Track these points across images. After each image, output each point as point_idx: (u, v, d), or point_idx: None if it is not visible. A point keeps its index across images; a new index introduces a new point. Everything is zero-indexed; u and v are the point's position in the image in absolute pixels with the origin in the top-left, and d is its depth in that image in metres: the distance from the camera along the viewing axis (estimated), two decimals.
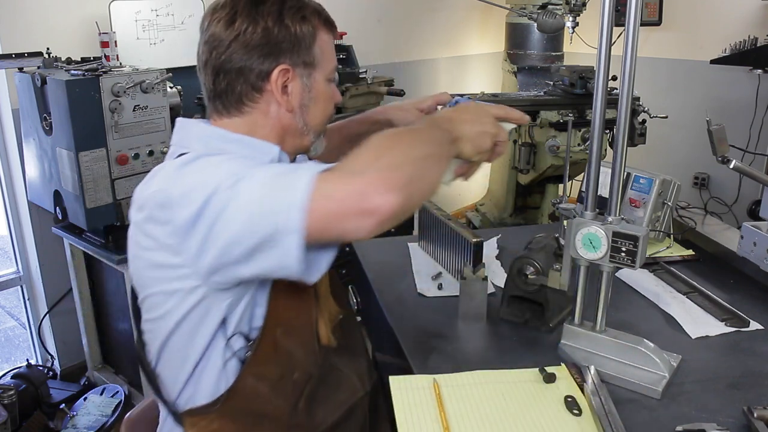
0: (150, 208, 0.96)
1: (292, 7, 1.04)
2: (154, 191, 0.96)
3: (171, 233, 0.93)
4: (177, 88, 2.53)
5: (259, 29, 1.01)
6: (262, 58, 1.02)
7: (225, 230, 0.89)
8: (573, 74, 2.76)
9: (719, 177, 3.85)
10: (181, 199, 0.91)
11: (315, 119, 1.10)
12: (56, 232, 2.44)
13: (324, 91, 1.10)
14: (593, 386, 1.10)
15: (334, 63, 1.12)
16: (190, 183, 0.93)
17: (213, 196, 0.89)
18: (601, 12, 1.07)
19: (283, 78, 1.04)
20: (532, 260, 1.31)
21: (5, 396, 2.24)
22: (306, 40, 1.05)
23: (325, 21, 1.10)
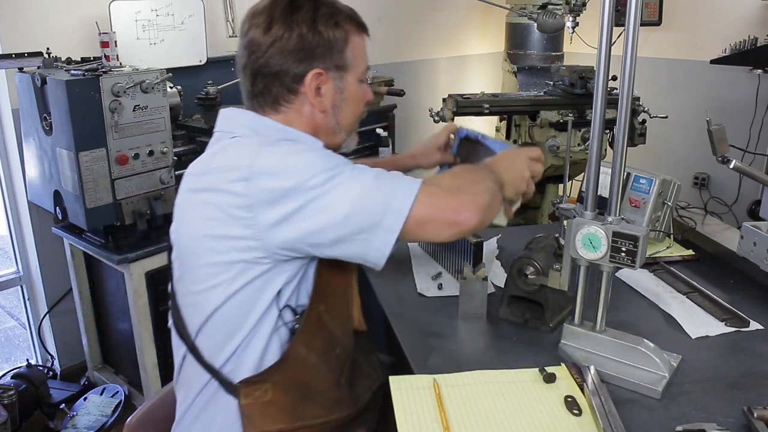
0: (219, 179, 1.02)
1: (325, 13, 1.11)
2: (228, 163, 1.02)
3: (243, 205, 0.99)
4: (177, 88, 2.53)
5: (294, 35, 1.08)
6: (297, 62, 1.09)
7: (318, 214, 0.98)
8: (573, 74, 2.75)
9: (719, 177, 3.85)
10: (269, 173, 0.99)
11: (346, 118, 1.18)
12: (56, 232, 2.44)
13: (355, 91, 1.17)
14: (593, 386, 1.10)
15: (365, 64, 1.18)
16: (280, 161, 1.00)
17: (310, 178, 0.98)
18: (601, 12, 1.07)
19: (317, 81, 1.11)
20: (532, 260, 1.31)
21: (5, 396, 2.24)
22: (338, 45, 1.11)
23: (358, 25, 1.16)
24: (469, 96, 2.66)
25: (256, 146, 1.03)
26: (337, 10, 1.13)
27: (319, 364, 1.10)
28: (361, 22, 1.17)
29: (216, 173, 1.03)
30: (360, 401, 1.17)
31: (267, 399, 1.06)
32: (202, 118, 2.70)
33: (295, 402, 1.08)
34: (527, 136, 3.01)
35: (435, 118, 2.59)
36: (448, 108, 2.59)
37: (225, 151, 1.07)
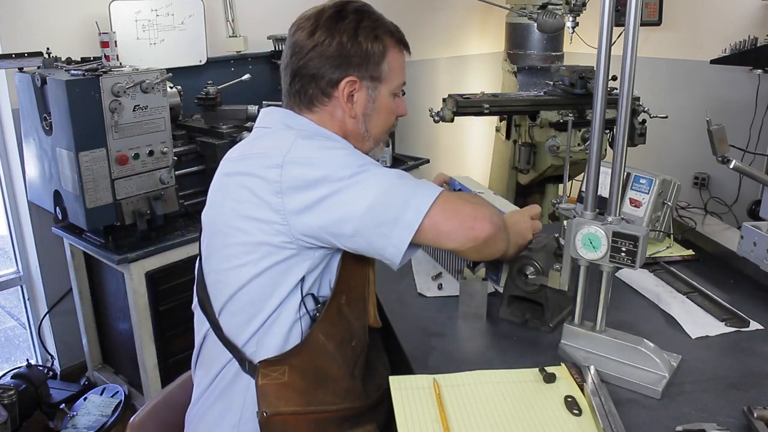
0: (255, 165, 1.08)
1: (367, 26, 1.17)
2: (265, 151, 1.09)
3: (275, 191, 1.04)
4: (177, 88, 2.54)
5: (334, 42, 1.14)
6: (334, 68, 1.15)
7: (342, 205, 1.03)
8: (573, 74, 2.76)
9: (719, 177, 3.85)
10: (301, 163, 1.05)
11: (376, 128, 1.23)
12: (56, 232, 2.44)
13: (387, 104, 1.22)
14: (593, 386, 1.10)
15: (401, 80, 1.24)
16: (314, 153, 1.06)
17: (338, 171, 1.04)
18: (601, 12, 1.07)
19: (350, 88, 1.17)
20: (532, 260, 1.31)
21: (5, 396, 2.24)
22: (375, 57, 1.17)
23: (398, 41, 1.22)
24: (469, 96, 2.66)
25: (292, 137, 1.09)
26: (380, 25, 1.19)
27: (335, 353, 1.13)
28: (402, 40, 1.23)
29: (252, 159, 1.10)
30: (371, 396, 1.20)
31: (284, 381, 1.09)
32: (202, 118, 2.71)
33: (309, 386, 1.11)
34: (527, 136, 3.02)
35: (435, 118, 2.59)
36: (448, 108, 2.59)
37: (262, 140, 1.14)
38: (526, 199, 3.37)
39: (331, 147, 1.10)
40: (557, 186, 3.23)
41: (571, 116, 2.72)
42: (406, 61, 1.26)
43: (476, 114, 2.71)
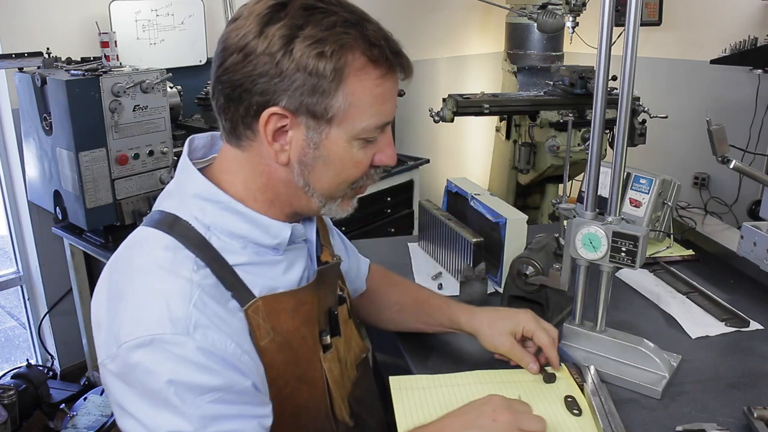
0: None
1: (311, 35, 0.79)
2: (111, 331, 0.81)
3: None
4: (177, 88, 2.54)
5: (258, 50, 0.80)
6: (256, 91, 0.81)
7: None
8: (573, 74, 2.76)
9: (719, 177, 3.85)
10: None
11: (321, 182, 0.88)
12: (56, 232, 2.44)
13: (342, 153, 0.86)
14: (593, 386, 1.10)
15: (373, 121, 0.85)
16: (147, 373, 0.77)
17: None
18: (601, 12, 1.07)
19: (278, 123, 0.83)
20: (532, 260, 1.31)
21: (5, 396, 2.24)
22: (321, 84, 0.80)
23: (376, 59, 0.82)
24: (469, 96, 2.66)
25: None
26: (338, 33, 0.80)
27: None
28: (384, 56, 0.83)
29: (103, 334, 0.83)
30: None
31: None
32: (202, 118, 2.71)
33: None
34: (527, 136, 3.02)
35: (435, 118, 2.59)
36: (448, 108, 2.59)
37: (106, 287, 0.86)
38: (526, 199, 3.38)
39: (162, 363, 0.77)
40: (557, 186, 3.23)
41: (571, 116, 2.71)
42: (397, 86, 0.88)
43: (476, 114, 2.71)
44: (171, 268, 0.82)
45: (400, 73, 0.87)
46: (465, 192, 1.66)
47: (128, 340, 0.78)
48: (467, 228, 1.56)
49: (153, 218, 0.90)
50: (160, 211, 0.90)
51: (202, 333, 0.78)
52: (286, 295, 0.90)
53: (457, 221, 1.61)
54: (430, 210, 1.71)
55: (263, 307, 0.87)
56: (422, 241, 1.79)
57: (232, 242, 0.87)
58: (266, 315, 0.87)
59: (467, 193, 1.64)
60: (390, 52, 0.84)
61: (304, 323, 0.92)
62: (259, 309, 0.86)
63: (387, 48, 0.84)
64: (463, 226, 1.58)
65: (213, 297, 0.82)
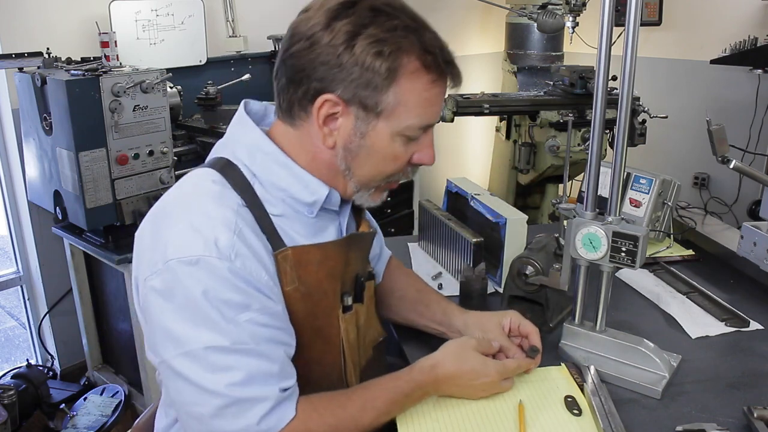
0: (141, 263, 0.94)
1: (373, 34, 0.86)
2: (155, 249, 0.90)
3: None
4: (177, 88, 2.54)
5: (324, 42, 0.87)
6: (316, 77, 0.89)
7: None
8: (573, 74, 2.76)
9: (719, 177, 3.84)
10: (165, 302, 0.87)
11: (362, 169, 0.96)
12: (56, 232, 2.44)
13: (385, 146, 0.93)
14: (593, 386, 1.10)
15: (418, 121, 0.92)
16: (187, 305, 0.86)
17: (190, 339, 0.85)
18: (601, 12, 1.07)
19: (330, 109, 0.91)
20: (532, 260, 1.31)
21: (5, 396, 2.24)
22: (374, 80, 0.87)
23: (429, 66, 0.90)
24: (469, 96, 2.66)
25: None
26: (398, 36, 0.87)
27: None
28: (437, 64, 0.90)
29: (144, 254, 0.92)
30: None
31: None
32: (202, 118, 2.71)
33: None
34: (527, 136, 3.02)
35: None
36: (448, 108, 2.59)
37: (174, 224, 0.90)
38: (526, 199, 3.38)
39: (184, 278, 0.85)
40: (557, 186, 3.23)
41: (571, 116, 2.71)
42: (444, 92, 0.95)
43: (476, 114, 2.71)
44: (218, 199, 0.91)
45: (450, 81, 0.95)
46: (465, 192, 1.66)
47: (176, 257, 0.85)
48: (467, 228, 1.56)
49: (206, 162, 1.00)
50: (213, 156, 1.00)
51: (242, 261, 0.87)
52: (314, 247, 0.97)
53: (457, 221, 1.61)
54: (430, 210, 1.71)
55: (292, 256, 0.93)
56: (422, 241, 1.79)
57: (273, 193, 0.96)
58: (294, 264, 0.94)
59: (467, 193, 1.64)
60: (443, 61, 0.92)
61: (327, 277, 0.98)
62: (288, 257, 0.93)
63: (440, 56, 0.92)
64: (463, 226, 1.58)
65: (254, 233, 0.91)
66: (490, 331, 1.17)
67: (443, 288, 1.53)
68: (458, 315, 1.23)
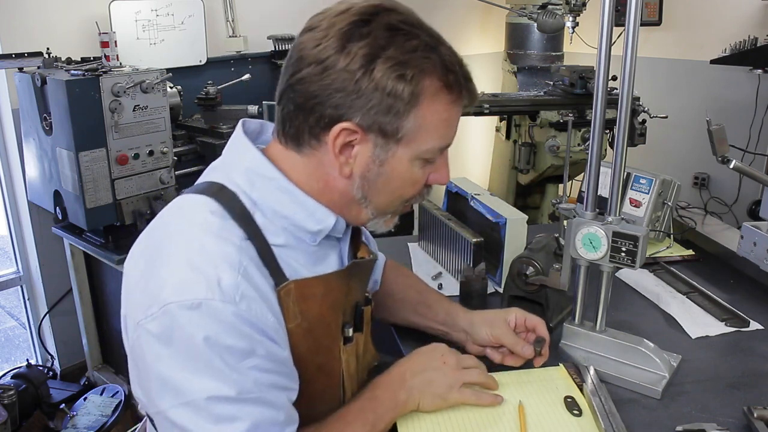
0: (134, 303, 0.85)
1: (393, 56, 0.81)
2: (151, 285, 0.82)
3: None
4: (177, 88, 2.54)
5: (338, 67, 0.81)
6: (331, 103, 0.82)
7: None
8: (573, 74, 2.76)
9: (719, 177, 3.84)
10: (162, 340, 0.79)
11: (379, 198, 0.91)
12: (56, 232, 2.44)
13: (404, 172, 0.88)
14: (593, 386, 1.10)
15: (438, 143, 0.88)
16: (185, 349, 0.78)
17: (192, 389, 0.78)
18: (601, 12, 1.07)
19: (347, 137, 0.84)
20: (532, 260, 1.31)
21: (5, 396, 2.24)
22: (396, 105, 0.82)
23: (449, 86, 0.85)
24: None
25: (187, 293, 0.79)
26: (418, 57, 0.82)
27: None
28: (457, 83, 0.85)
29: (136, 293, 0.85)
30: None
31: None
32: (202, 118, 2.71)
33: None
34: (527, 136, 3.02)
35: None
36: None
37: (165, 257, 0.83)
38: (526, 199, 3.38)
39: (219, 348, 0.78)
40: (557, 186, 3.23)
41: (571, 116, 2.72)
42: (461, 111, 0.89)
43: (476, 114, 2.72)
44: (219, 233, 0.83)
45: (467, 100, 0.89)
46: (465, 192, 1.66)
47: (174, 300, 0.78)
48: (467, 228, 1.56)
49: (197, 188, 0.91)
50: (205, 181, 0.92)
51: (247, 304, 0.80)
52: (316, 280, 0.91)
53: (457, 221, 1.61)
54: (430, 210, 1.71)
55: (294, 291, 0.88)
56: (422, 241, 1.79)
57: (275, 221, 0.89)
58: (296, 298, 0.88)
59: (467, 193, 1.64)
60: (462, 78, 0.87)
61: (330, 310, 0.94)
62: (290, 291, 0.87)
63: (460, 73, 0.86)
64: (463, 226, 1.58)
65: (257, 268, 0.84)
66: (497, 327, 1.16)
67: (443, 288, 1.53)
68: (462, 314, 1.22)
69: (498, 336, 1.16)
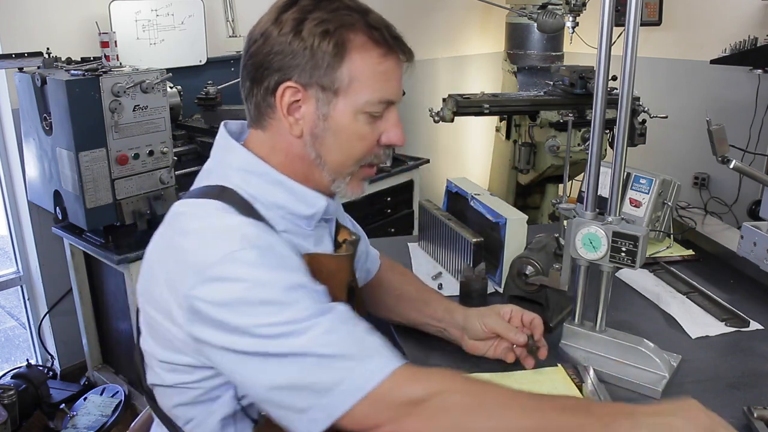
0: (176, 264, 0.88)
1: (317, 17, 0.90)
2: (190, 250, 0.86)
3: (182, 307, 0.85)
4: (177, 88, 2.54)
5: (275, 34, 0.91)
6: (273, 68, 0.92)
7: (250, 371, 0.83)
8: (573, 74, 2.76)
9: (719, 177, 3.85)
10: (219, 302, 0.82)
11: (331, 154, 0.95)
12: (56, 232, 2.44)
13: (348, 125, 0.93)
14: (593, 387, 1.10)
15: (376, 95, 0.93)
16: (239, 289, 0.82)
17: (262, 325, 0.81)
18: (601, 12, 1.07)
19: (291, 97, 0.92)
20: (532, 260, 1.31)
21: (5, 396, 2.24)
22: (325, 59, 0.90)
23: (376, 40, 0.92)
24: (469, 96, 2.66)
25: (228, 241, 0.84)
26: (341, 16, 0.91)
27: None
28: (383, 39, 0.92)
29: (177, 254, 0.88)
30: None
31: None
32: (202, 118, 2.71)
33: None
34: (527, 136, 3.02)
35: (435, 118, 2.59)
36: (448, 108, 2.59)
37: (190, 235, 0.87)
38: (526, 199, 3.38)
39: (257, 280, 0.82)
40: (557, 186, 3.23)
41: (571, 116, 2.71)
42: (400, 68, 0.97)
43: (476, 114, 2.71)
44: (231, 216, 0.89)
45: (401, 55, 0.96)
46: (465, 192, 1.66)
47: (214, 260, 0.82)
48: (467, 228, 1.56)
49: (196, 192, 0.96)
50: (203, 186, 0.97)
51: (277, 249, 0.87)
52: (330, 258, 0.99)
53: (457, 221, 1.61)
54: (430, 210, 1.71)
55: (308, 264, 0.92)
56: (422, 241, 1.79)
57: (274, 211, 0.95)
58: (311, 272, 0.92)
59: (467, 193, 1.64)
60: (390, 36, 0.94)
61: (336, 289, 0.97)
62: (306, 265, 0.92)
63: (387, 32, 0.93)
64: (463, 226, 1.58)
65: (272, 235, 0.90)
66: (489, 317, 1.18)
67: (443, 288, 1.53)
68: (459, 310, 1.23)
69: (489, 325, 1.17)
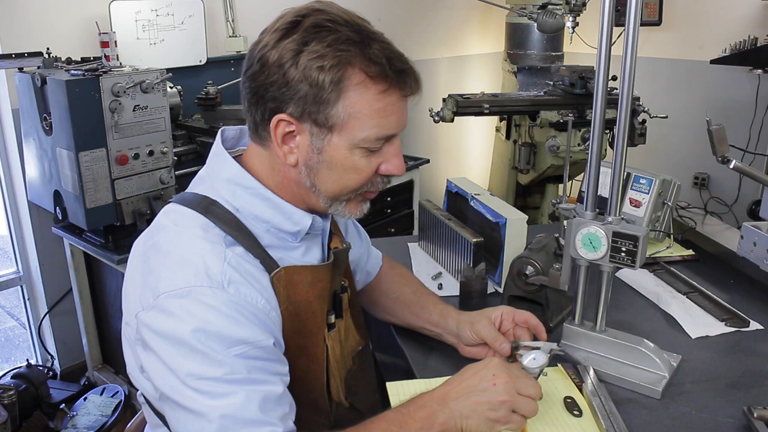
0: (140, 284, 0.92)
1: (316, 50, 0.86)
2: (153, 273, 0.89)
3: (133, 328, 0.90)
4: (177, 88, 2.54)
5: (270, 62, 0.88)
6: (270, 97, 0.89)
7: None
8: (573, 74, 2.76)
9: (719, 177, 3.85)
10: (161, 334, 0.85)
11: (325, 186, 0.94)
12: (56, 232, 2.44)
13: (343, 160, 0.91)
14: (593, 387, 1.10)
15: (374, 132, 0.90)
16: (183, 328, 0.83)
17: (183, 374, 0.83)
18: (601, 12, 1.07)
19: (286, 128, 0.91)
20: (532, 260, 1.31)
21: (5, 396, 2.24)
22: (321, 95, 0.87)
23: (375, 77, 0.88)
24: (469, 96, 2.66)
25: (177, 283, 0.85)
26: (340, 50, 0.86)
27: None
28: (382, 74, 0.88)
29: (145, 276, 0.91)
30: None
31: None
32: (202, 118, 2.71)
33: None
34: (527, 136, 3.02)
35: (435, 118, 2.59)
36: (448, 108, 2.59)
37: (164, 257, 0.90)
38: (526, 199, 3.38)
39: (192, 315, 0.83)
40: (557, 186, 3.23)
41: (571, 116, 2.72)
42: (402, 102, 0.92)
43: (476, 114, 2.71)
44: (205, 236, 0.90)
45: (403, 91, 0.92)
46: (465, 192, 1.66)
47: (167, 290, 0.85)
48: (467, 228, 1.56)
49: (186, 198, 0.97)
50: (193, 192, 0.98)
51: (236, 288, 0.87)
52: (306, 269, 0.98)
53: (457, 221, 1.61)
54: (430, 210, 1.71)
55: (284, 277, 0.94)
56: (422, 241, 1.79)
57: (258, 225, 0.96)
58: (286, 284, 0.94)
59: (467, 193, 1.64)
60: (391, 70, 0.89)
61: (317, 298, 0.99)
62: (281, 278, 0.94)
63: (388, 66, 0.89)
64: (463, 226, 1.58)
65: (247, 261, 0.91)
66: (478, 323, 1.17)
67: (443, 288, 1.53)
68: (453, 316, 1.23)
69: (478, 332, 1.17)
